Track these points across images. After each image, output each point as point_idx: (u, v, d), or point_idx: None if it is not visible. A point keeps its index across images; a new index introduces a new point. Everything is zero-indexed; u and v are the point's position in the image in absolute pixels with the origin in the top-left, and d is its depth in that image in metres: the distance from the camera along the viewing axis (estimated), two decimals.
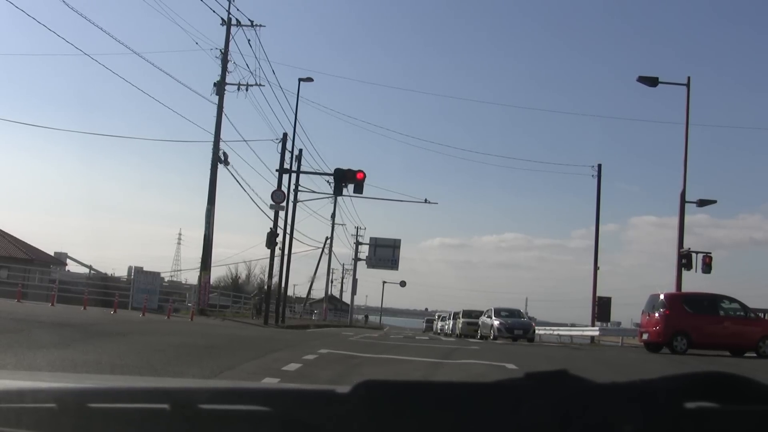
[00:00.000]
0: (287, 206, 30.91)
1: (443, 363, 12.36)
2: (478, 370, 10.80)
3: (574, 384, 0.95)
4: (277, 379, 7.67)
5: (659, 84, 26.51)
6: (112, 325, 16.58)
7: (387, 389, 0.95)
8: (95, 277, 39.79)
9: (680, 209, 25.95)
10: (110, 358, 8.56)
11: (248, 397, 1.10)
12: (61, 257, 46.56)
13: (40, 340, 10.15)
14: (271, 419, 1.00)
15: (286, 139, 30.73)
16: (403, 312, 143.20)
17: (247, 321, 28.75)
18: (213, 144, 30.17)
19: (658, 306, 21.23)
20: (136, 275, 33.60)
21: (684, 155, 26.02)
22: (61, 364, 7.48)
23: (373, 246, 57.85)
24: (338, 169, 27.23)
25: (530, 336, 32.17)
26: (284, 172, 30.06)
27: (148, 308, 27.25)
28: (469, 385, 0.98)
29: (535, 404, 0.90)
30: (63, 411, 1.06)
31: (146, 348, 10.54)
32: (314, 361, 10.44)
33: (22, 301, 25.06)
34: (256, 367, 8.88)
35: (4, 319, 13.60)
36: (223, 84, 30.33)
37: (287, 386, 2.26)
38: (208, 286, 31.64)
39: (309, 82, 32.31)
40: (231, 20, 30.13)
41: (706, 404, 0.91)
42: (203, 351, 10.91)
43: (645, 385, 0.92)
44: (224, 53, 30.38)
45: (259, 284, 48.79)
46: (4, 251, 41.92)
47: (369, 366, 10.89)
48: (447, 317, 51.48)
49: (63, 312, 19.95)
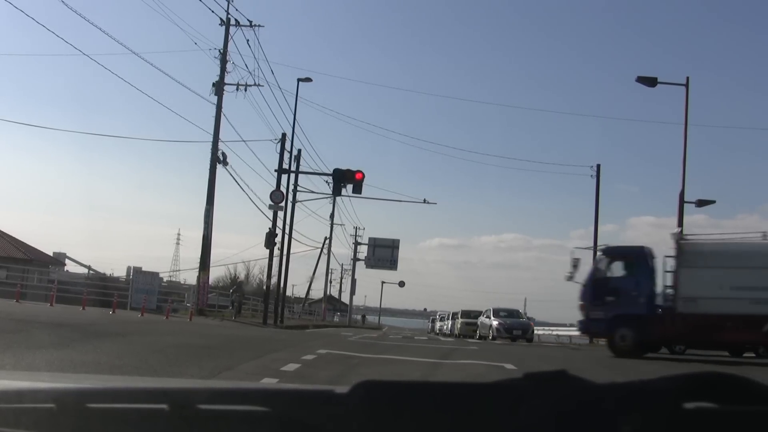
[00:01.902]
0: (286, 206, 30.94)
1: (442, 363, 12.37)
2: (477, 371, 10.80)
3: (573, 384, 0.95)
4: (276, 380, 7.67)
5: (658, 84, 26.51)
6: (111, 325, 16.58)
7: (386, 389, 0.95)
8: (94, 277, 39.75)
9: (679, 209, 25.94)
10: (109, 358, 8.56)
11: (247, 397, 1.10)
12: (59, 257, 46.52)
13: (38, 341, 10.14)
14: (270, 419, 1.00)
15: (284, 139, 30.75)
16: (402, 312, 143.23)
17: (247, 321, 28.75)
18: (212, 144, 30.17)
19: None
20: (135, 275, 33.58)
21: (683, 155, 26.04)
22: (59, 364, 7.47)
23: (371, 246, 57.82)
24: (337, 170, 27.24)
25: (529, 336, 32.21)
26: (283, 172, 30.05)
27: (147, 308, 27.24)
28: (467, 385, 0.98)
29: (534, 405, 0.90)
30: (62, 411, 1.06)
31: (145, 348, 10.53)
32: (313, 361, 10.44)
33: (20, 302, 25.04)
34: (254, 367, 8.88)
35: (3, 319, 13.59)
36: (222, 84, 30.32)
37: (286, 386, 2.26)
38: (206, 287, 31.62)
39: (308, 82, 32.35)
40: (230, 20, 30.13)
41: (705, 404, 0.91)
42: (202, 351, 10.91)
43: (644, 386, 0.92)
44: (223, 53, 30.37)
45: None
46: (3, 251, 41.89)
47: (368, 366, 10.89)
48: (446, 317, 51.50)
49: (62, 312, 19.94)
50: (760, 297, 16.17)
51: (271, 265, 29.79)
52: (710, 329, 16.34)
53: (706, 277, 16.64)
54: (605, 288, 17.80)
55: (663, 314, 17.25)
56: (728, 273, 16.43)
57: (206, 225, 30.56)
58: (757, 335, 16.38)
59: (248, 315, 34.39)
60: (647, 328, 17.00)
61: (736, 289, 16.27)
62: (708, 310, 16.36)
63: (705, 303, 16.47)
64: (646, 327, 16.98)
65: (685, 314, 16.60)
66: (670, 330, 17.07)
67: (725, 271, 16.51)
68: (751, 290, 16.25)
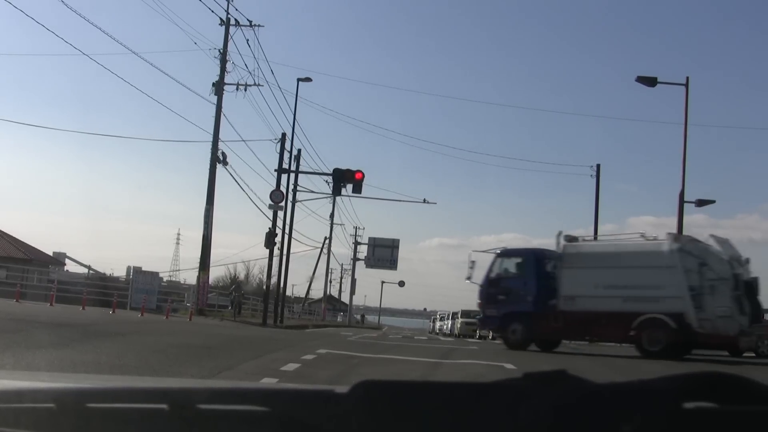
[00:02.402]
0: (286, 206, 30.94)
1: (442, 363, 12.37)
2: (477, 370, 10.81)
3: (573, 384, 0.95)
4: (276, 379, 7.66)
5: (658, 84, 26.49)
6: (111, 325, 16.58)
7: (385, 389, 0.95)
8: (94, 277, 39.76)
9: (679, 209, 25.92)
10: (109, 358, 8.56)
11: (247, 397, 1.10)
12: (59, 257, 46.53)
13: (38, 341, 10.14)
14: (270, 419, 1.00)
15: (284, 139, 30.74)
16: (401, 312, 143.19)
17: (246, 321, 28.75)
18: (212, 144, 30.16)
19: None
20: (135, 275, 33.59)
21: (683, 155, 26.03)
22: (59, 364, 7.47)
23: (371, 246, 57.80)
24: (337, 169, 27.24)
25: None
26: (283, 172, 30.05)
27: (147, 308, 27.24)
28: (467, 385, 0.98)
29: (534, 404, 0.90)
30: (62, 411, 1.06)
31: (145, 348, 10.53)
32: (313, 361, 10.44)
33: (20, 301, 25.04)
34: (254, 367, 8.88)
35: (3, 319, 13.59)
36: (222, 84, 30.32)
37: (286, 386, 2.26)
38: (206, 286, 31.62)
39: (308, 82, 32.33)
40: (230, 20, 30.12)
41: (705, 404, 0.91)
42: (202, 351, 10.91)
43: (644, 385, 0.92)
44: (223, 53, 30.37)
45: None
46: (3, 251, 41.88)
47: (367, 366, 10.89)
48: (446, 317, 51.50)
49: (62, 312, 19.94)
50: (630, 295, 17.15)
51: (271, 265, 29.82)
52: (587, 325, 17.76)
53: (583, 277, 17.92)
54: (498, 288, 19.64)
55: (548, 311, 18.38)
56: (602, 273, 17.64)
57: (206, 225, 30.56)
58: (626, 331, 17.20)
59: (248, 315, 34.39)
60: (534, 324, 18.49)
61: (609, 288, 17.44)
62: (585, 307, 17.66)
63: (582, 301, 17.81)
64: (533, 323, 18.52)
65: (566, 311, 17.96)
66: (554, 326, 18.36)
67: (600, 271, 17.73)
68: (622, 289, 17.31)
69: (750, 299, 16.98)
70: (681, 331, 16.43)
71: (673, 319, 16.52)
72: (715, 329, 16.37)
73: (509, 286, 19.50)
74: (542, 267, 19.11)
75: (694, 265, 16.72)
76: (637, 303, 17.07)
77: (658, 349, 16.53)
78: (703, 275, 16.62)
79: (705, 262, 16.77)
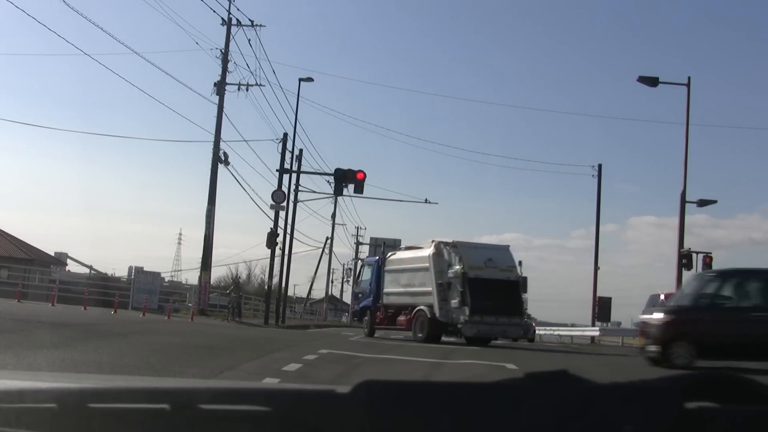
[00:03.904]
0: (287, 206, 30.91)
1: (443, 363, 12.37)
2: (478, 371, 10.81)
3: (574, 384, 0.95)
4: (278, 380, 7.67)
5: (659, 84, 26.49)
6: (112, 325, 16.59)
7: (387, 389, 0.95)
8: (95, 277, 39.79)
9: (680, 209, 25.95)
10: (110, 358, 8.56)
11: (248, 397, 1.10)
12: (61, 257, 46.59)
13: (40, 340, 10.15)
14: (272, 419, 1.00)
15: (286, 139, 30.75)
16: None
17: (248, 321, 28.75)
18: (213, 144, 30.18)
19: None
20: (137, 275, 33.61)
21: (684, 155, 26.04)
22: (61, 364, 7.48)
23: (373, 246, 57.67)
24: (338, 169, 27.24)
25: (530, 336, 32.16)
26: (284, 172, 30.06)
27: (148, 308, 27.27)
28: (469, 385, 0.98)
29: (535, 404, 0.90)
30: (63, 411, 1.06)
31: (146, 348, 10.54)
32: (314, 361, 10.44)
33: (22, 302, 25.07)
34: (256, 367, 8.88)
35: (4, 319, 13.60)
36: (224, 84, 30.32)
37: (287, 386, 2.26)
38: (208, 286, 31.62)
39: (309, 81, 32.29)
40: (231, 20, 30.12)
41: (706, 404, 0.91)
42: (203, 351, 10.91)
43: (645, 385, 0.92)
44: (224, 53, 30.37)
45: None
46: (5, 251, 41.94)
47: (369, 366, 10.89)
48: None
49: (63, 312, 19.97)
50: (410, 291, 22.97)
51: (272, 265, 29.81)
52: (395, 315, 23.51)
53: (392, 278, 24.05)
54: (360, 287, 26.71)
55: (378, 306, 24.38)
56: (400, 275, 23.65)
57: (208, 225, 30.57)
58: (409, 319, 22.42)
59: (249, 315, 34.35)
60: (372, 316, 24.55)
61: (402, 286, 23.48)
62: (392, 302, 23.82)
63: (391, 297, 23.95)
64: (372, 315, 24.57)
65: (386, 305, 24.07)
66: (380, 317, 24.16)
67: (399, 274, 23.72)
68: (407, 286, 23.18)
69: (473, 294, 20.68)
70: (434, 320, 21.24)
71: (429, 310, 21.39)
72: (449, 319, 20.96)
73: (363, 287, 26.03)
74: (381, 271, 24.70)
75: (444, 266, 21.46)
76: (414, 298, 22.50)
77: (423, 335, 21.19)
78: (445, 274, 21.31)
79: (451, 264, 21.29)
